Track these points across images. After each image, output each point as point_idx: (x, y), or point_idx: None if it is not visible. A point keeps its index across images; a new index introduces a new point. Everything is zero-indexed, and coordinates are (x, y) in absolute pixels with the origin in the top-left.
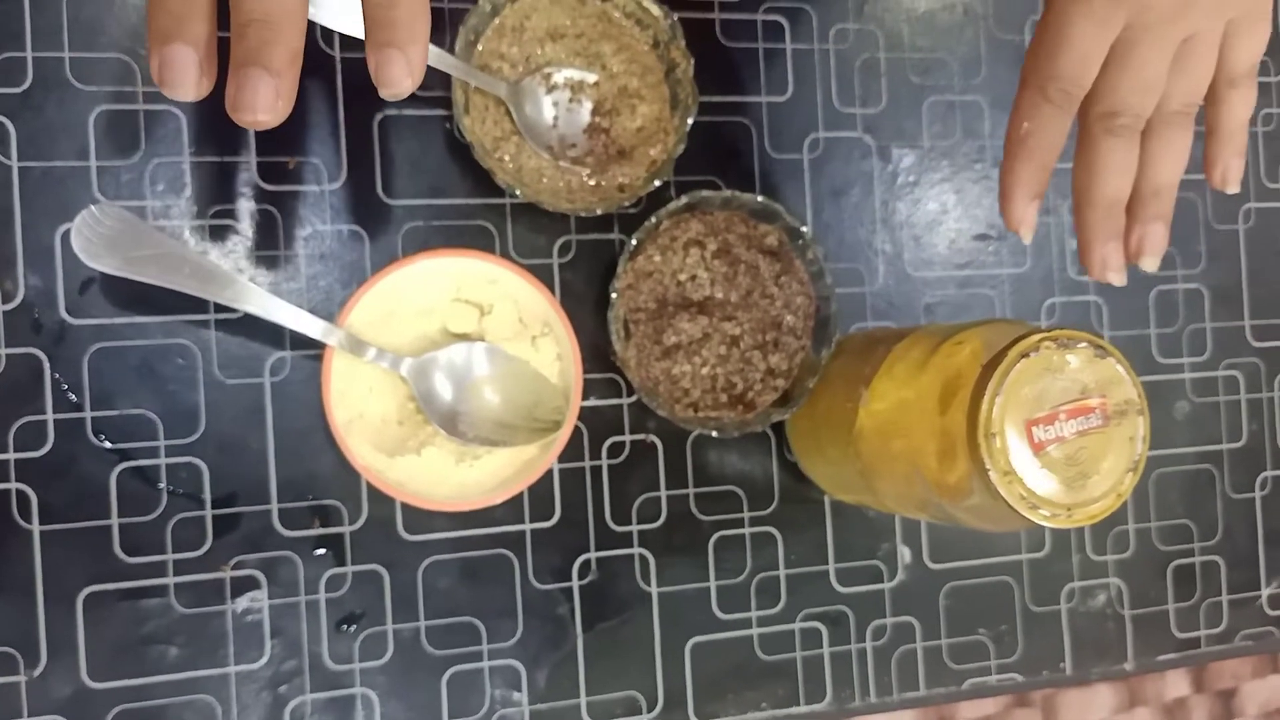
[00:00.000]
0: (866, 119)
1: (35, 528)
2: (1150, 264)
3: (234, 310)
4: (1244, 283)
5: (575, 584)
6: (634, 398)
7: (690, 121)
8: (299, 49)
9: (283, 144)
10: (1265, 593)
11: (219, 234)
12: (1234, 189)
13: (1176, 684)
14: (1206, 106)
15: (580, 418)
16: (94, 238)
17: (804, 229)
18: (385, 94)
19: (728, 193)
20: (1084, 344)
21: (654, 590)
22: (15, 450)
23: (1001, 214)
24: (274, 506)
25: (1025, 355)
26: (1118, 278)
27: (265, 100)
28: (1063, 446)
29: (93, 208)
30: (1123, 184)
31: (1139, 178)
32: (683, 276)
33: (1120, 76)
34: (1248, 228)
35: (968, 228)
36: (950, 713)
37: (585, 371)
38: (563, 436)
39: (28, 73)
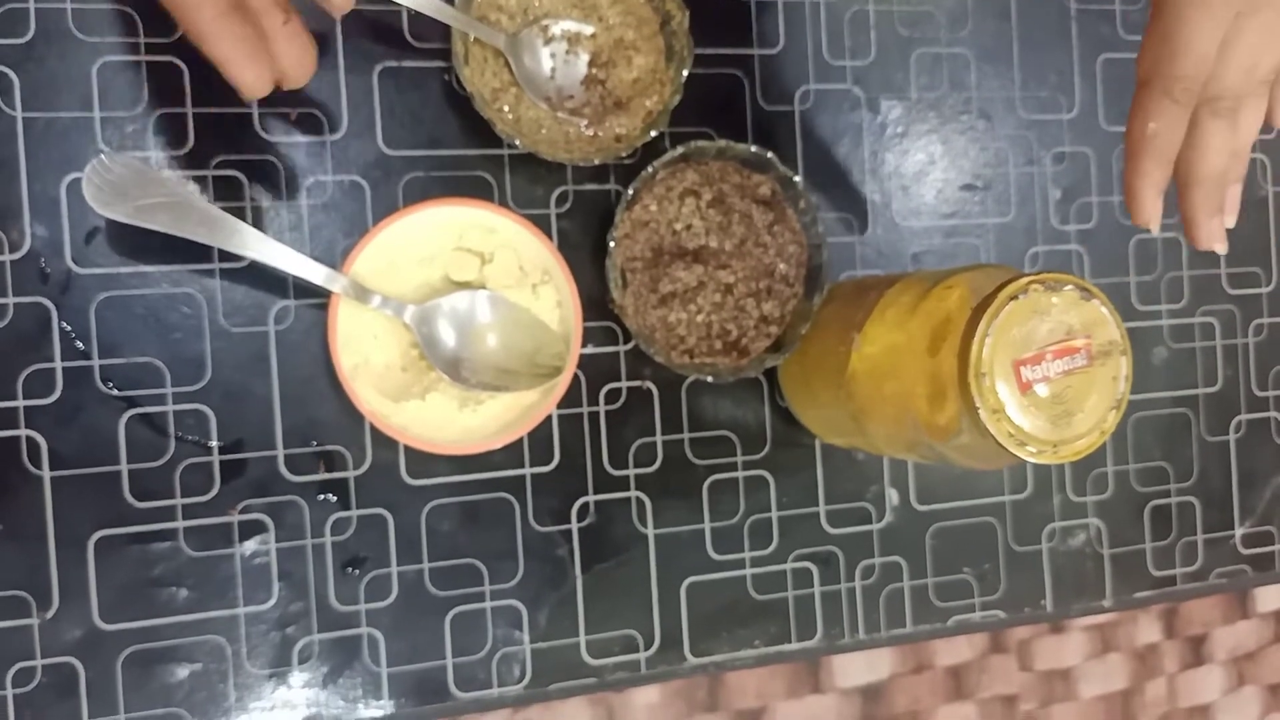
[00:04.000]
0: (856, 71)
1: (46, 474)
2: (1231, 222)
3: (238, 260)
4: None
5: (574, 526)
6: (631, 345)
7: (685, 73)
8: None
9: (284, 96)
10: (1238, 532)
11: (222, 185)
12: None
13: (1148, 629)
14: None
15: (578, 365)
16: (104, 185)
17: (796, 179)
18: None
19: (722, 143)
20: (1070, 286)
21: (650, 532)
22: (24, 398)
23: (1131, 210)
24: (279, 452)
25: (1014, 298)
26: (1222, 247)
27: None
28: (1049, 385)
29: (102, 156)
30: (1225, 161)
31: None
32: (678, 226)
33: (1230, 61)
34: None
35: (954, 178)
36: (929, 658)
37: (583, 320)
38: (563, 382)
39: (30, 23)
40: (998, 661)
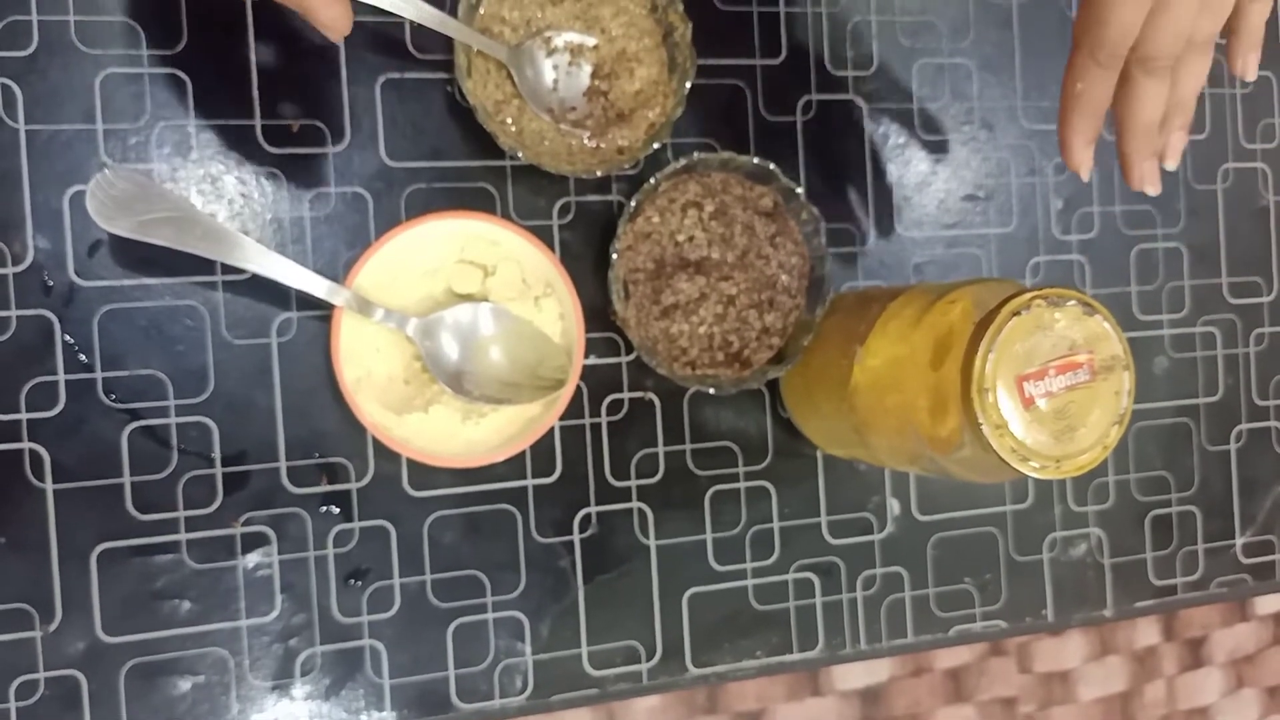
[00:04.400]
0: (858, 81)
1: (49, 486)
2: (1172, 165)
3: (240, 272)
4: (1221, 241)
5: (576, 537)
6: (633, 356)
7: (688, 85)
8: None
9: (286, 107)
10: (1239, 541)
11: (224, 197)
12: (1253, 77)
13: (1147, 632)
14: (1230, 17)
15: (580, 376)
16: (107, 200)
17: (798, 190)
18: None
19: (725, 154)
20: (1073, 302)
21: (652, 543)
22: (27, 411)
23: (1063, 158)
24: (282, 464)
25: (1017, 313)
26: (1154, 188)
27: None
28: (1051, 401)
29: (106, 171)
30: (1158, 112)
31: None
32: (680, 237)
33: (1159, 29)
34: (1225, 187)
35: (956, 188)
36: (928, 661)
37: (586, 331)
38: (566, 394)
39: (33, 36)
40: (997, 664)
